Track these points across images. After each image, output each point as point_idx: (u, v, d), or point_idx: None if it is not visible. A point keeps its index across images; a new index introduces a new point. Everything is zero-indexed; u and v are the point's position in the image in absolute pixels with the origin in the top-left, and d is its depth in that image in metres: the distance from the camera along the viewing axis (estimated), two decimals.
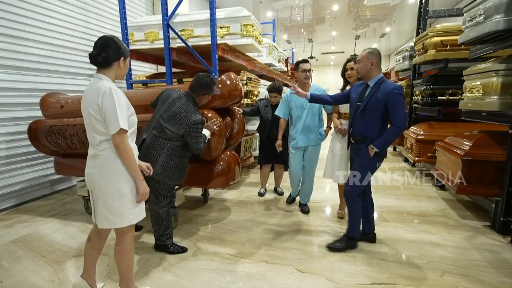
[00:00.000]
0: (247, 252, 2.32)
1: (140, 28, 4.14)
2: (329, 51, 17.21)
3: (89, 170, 1.56)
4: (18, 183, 3.47)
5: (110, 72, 1.56)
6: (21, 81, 3.42)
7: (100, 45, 1.52)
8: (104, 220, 1.57)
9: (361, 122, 2.19)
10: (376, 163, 2.22)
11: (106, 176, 1.52)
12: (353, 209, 2.32)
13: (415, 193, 3.71)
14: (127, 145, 1.51)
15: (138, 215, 1.63)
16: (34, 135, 3.13)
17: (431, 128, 4.29)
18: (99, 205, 1.55)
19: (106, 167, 1.52)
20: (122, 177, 1.53)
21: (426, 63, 4.49)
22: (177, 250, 2.29)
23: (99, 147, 1.53)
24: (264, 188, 3.74)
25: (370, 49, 2.17)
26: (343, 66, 2.72)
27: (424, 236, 2.56)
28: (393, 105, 2.05)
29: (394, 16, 11.01)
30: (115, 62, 1.54)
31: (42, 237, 2.61)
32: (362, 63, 2.16)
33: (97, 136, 1.52)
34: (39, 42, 3.58)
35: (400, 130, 2.08)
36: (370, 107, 2.13)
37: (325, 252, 2.31)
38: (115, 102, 1.45)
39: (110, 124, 1.45)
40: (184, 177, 2.37)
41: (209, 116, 2.45)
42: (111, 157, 1.52)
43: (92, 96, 1.47)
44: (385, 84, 2.10)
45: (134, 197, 1.59)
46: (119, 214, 1.55)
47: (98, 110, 1.46)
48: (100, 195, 1.54)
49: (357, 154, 2.27)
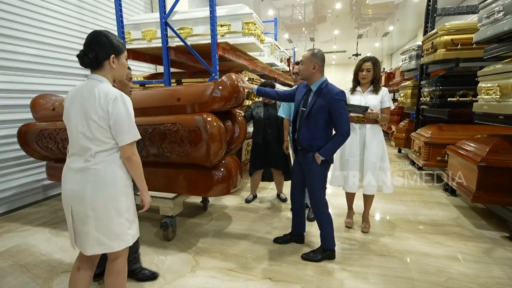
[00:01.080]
0: (250, 267, 2.15)
1: (137, 26, 3.97)
2: (330, 50, 17.02)
3: (75, 187, 1.34)
4: (9, 189, 3.30)
5: (105, 73, 1.38)
6: (11, 81, 3.24)
7: (87, 43, 1.34)
8: (95, 245, 1.35)
9: (305, 129, 2.12)
10: (325, 169, 2.18)
11: (103, 193, 1.33)
12: (322, 221, 2.23)
13: (424, 199, 3.54)
14: (138, 155, 1.41)
15: (135, 235, 1.47)
16: (24, 139, 2.96)
17: (440, 130, 4.11)
18: (90, 227, 1.33)
19: (102, 183, 1.33)
20: (121, 193, 1.38)
21: (435, 63, 4.31)
22: (145, 277, 1.98)
23: (91, 159, 1.32)
24: (252, 194, 3.55)
25: (315, 50, 2.10)
26: (358, 66, 2.53)
27: (439, 249, 2.39)
28: (336, 112, 2.01)
29: (397, 15, 10.82)
30: (105, 62, 1.36)
31: (29, 249, 2.44)
32: (305, 65, 2.09)
33: (93, 146, 1.32)
34: (30, 40, 3.41)
35: (345, 137, 2.05)
36: (313, 114, 2.07)
37: (333, 267, 2.14)
38: (129, 110, 1.33)
39: (122, 134, 1.32)
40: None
41: (209, 120, 2.28)
42: (109, 170, 1.34)
43: (96, 100, 1.29)
44: (327, 89, 2.05)
45: (131, 214, 1.43)
46: (116, 237, 1.37)
47: (105, 117, 1.30)
48: (93, 216, 1.32)
49: (305, 163, 2.18)
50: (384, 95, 2.48)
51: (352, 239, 2.57)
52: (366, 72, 2.48)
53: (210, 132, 2.26)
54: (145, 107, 2.61)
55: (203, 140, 2.27)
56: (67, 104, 1.39)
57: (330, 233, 2.23)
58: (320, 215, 2.21)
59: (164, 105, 2.55)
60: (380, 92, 2.48)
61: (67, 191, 1.37)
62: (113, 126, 1.31)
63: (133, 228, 1.45)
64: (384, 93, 2.48)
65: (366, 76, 2.48)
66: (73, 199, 1.35)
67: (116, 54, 1.37)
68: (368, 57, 2.50)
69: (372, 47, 16.30)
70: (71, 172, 1.37)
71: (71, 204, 1.36)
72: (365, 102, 2.49)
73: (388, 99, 2.47)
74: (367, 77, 2.48)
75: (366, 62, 2.48)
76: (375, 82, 2.50)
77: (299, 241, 2.46)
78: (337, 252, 2.32)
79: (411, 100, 5.32)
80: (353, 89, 2.61)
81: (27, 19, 3.38)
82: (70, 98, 1.39)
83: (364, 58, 2.51)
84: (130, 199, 1.43)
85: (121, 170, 1.38)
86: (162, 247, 2.44)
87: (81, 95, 1.34)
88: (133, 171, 1.40)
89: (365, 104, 2.47)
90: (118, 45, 1.38)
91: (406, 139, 5.46)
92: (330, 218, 2.23)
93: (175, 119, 2.39)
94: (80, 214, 1.35)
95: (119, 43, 1.38)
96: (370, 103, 2.46)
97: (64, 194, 1.38)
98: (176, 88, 2.71)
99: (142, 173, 1.44)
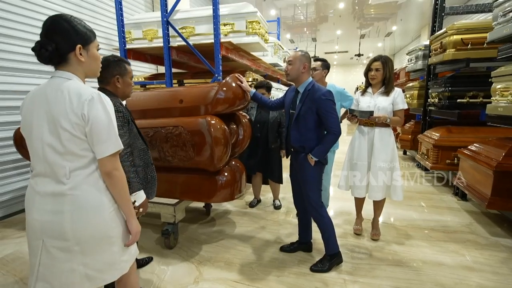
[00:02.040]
0: (257, 278, 2.04)
1: (138, 25, 3.86)
2: (332, 50, 16.91)
3: (48, 218, 1.05)
4: (6, 193, 3.20)
5: (73, 68, 1.10)
6: (8, 82, 3.14)
7: (44, 32, 1.07)
8: (84, 282, 1.10)
9: (296, 132, 2.06)
10: (320, 170, 2.11)
11: (88, 224, 1.07)
12: (322, 224, 2.14)
13: (434, 204, 3.42)
14: (122, 171, 1.13)
15: (133, 256, 1.27)
16: (20, 141, 2.85)
17: (449, 132, 4.00)
18: (74, 264, 1.08)
19: (85, 212, 1.06)
20: (111, 219, 1.13)
21: (444, 63, 4.19)
22: None
23: (66, 181, 1.05)
24: (256, 199, 3.42)
25: (303, 51, 2.05)
26: (367, 66, 2.43)
27: (454, 258, 2.27)
28: (324, 113, 1.96)
29: (400, 15, 10.70)
30: (70, 54, 1.08)
31: (25, 257, 2.33)
32: (295, 65, 2.02)
33: (66, 163, 1.05)
34: (25, 40, 3.30)
35: (336, 136, 1.99)
36: (302, 116, 2.02)
37: (344, 278, 2.03)
38: (109, 113, 1.08)
39: (103, 142, 1.06)
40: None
41: (213, 123, 2.17)
42: (92, 195, 1.08)
43: (66, 104, 1.03)
44: (313, 90, 1.99)
45: (124, 240, 1.20)
46: (109, 267, 1.15)
47: (79, 124, 1.03)
48: (79, 250, 1.07)
49: (299, 166, 2.11)
50: (397, 97, 2.36)
51: (362, 247, 2.45)
52: (375, 72, 2.37)
53: (214, 135, 2.15)
54: (145, 109, 2.51)
55: (207, 144, 2.16)
56: (25, 111, 1.10)
57: (332, 236, 2.14)
58: (319, 218, 2.12)
59: (166, 107, 2.45)
60: (392, 93, 2.37)
61: (35, 222, 1.08)
62: (89, 133, 1.05)
63: (129, 251, 1.24)
64: (397, 94, 2.37)
65: (375, 76, 2.38)
66: (46, 232, 1.07)
67: (84, 43, 1.09)
68: (379, 56, 2.39)
69: (374, 47, 16.18)
70: (39, 197, 1.08)
71: (42, 238, 1.07)
72: (374, 104, 2.39)
73: (401, 101, 2.36)
74: (376, 77, 2.38)
75: (375, 61, 2.38)
76: (386, 83, 2.39)
77: (306, 249, 2.35)
78: (347, 261, 2.22)
79: (418, 101, 5.20)
80: (364, 90, 2.52)
81: (24, 17, 3.28)
82: (28, 104, 1.10)
83: (375, 57, 2.40)
84: (122, 222, 1.19)
85: (106, 192, 1.13)
86: (164, 256, 2.33)
87: (45, 98, 1.06)
88: (115, 191, 1.13)
89: (374, 107, 2.38)
90: (85, 32, 1.10)
91: (412, 141, 5.34)
92: (330, 220, 2.15)
93: (177, 121, 2.28)
94: (59, 251, 1.07)
95: (85, 29, 1.10)
96: (379, 105, 2.36)
97: (32, 225, 1.09)
98: (178, 89, 2.60)
99: (127, 193, 1.16)
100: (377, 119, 2.29)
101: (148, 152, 1.74)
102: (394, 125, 2.42)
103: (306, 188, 2.10)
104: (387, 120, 2.31)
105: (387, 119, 2.31)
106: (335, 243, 2.17)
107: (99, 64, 1.20)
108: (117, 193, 1.14)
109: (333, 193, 3.11)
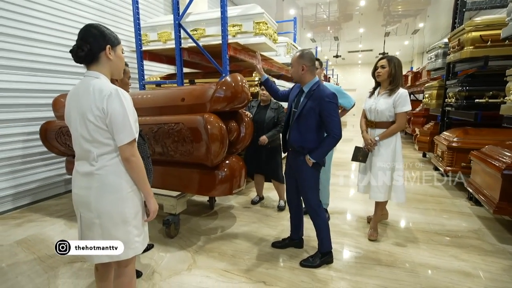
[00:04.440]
0: (246, 269, 2.13)
1: (154, 28, 4.11)
2: (356, 49, 16.48)
3: (81, 192, 1.28)
4: (33, 181, 3.56)
5: (102, 67, 1.28)
6: (36, 82, 3.49)
7: (80, 37, 1.25)
8: (102, 254, 1.29)
9: (296, 132, 2.08)
10: (317, 171, 2.11)
11: (108, 200, 1.25)
12: (318, 223, 2.16)
13: (445, 208, 3.29)
14: (139, 157, 1.28)
15: (144, 242, 1.40)
16: (45, 136, 3.17)
17: (466, 134, 3.81)
18: (95, 235, 1.28)
19: (107, 189, 1.25)
20: (128, 199, 1.29)
21: (462, 61, 3.99)
22: None
23: (95, 163, 1.25)
24: (259, 196, 3.48)
25: (304, 51, 2.04)
26: (374, 65, 2.46)
27: (452, 263, 2.21)
28: (326, 115, 1.94)
29: (428, 11, 10.20)
30: (101, 53, 1.26)
31: (45, 240, 2.60)
32: (294, 67, 2.05)
33: (94, 149, 1.24)
34: (52, 43, 3.64)
35: (336, 140, 1.98)
36: (304, 116, 2.02)
37: (332, 275, 2.06)
38: (125, 106, 1.22)
39: (119, 132, 1.21)
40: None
41: (210, 120, 2.28)
42: (113, 175, 1.26)
43: (90, 98, 1.20)
44: (318, 91, 1.99)
45: (138, 221, 1.35)
46: (124, 245, 1.29)
47: (101, 116, 1.20)
48: (99, 224, 1.26)
49: (296, 165, 2.13)
50: (397, 99, 2.31)
51: (357, 246, 2.45)
52: (380, 69, 2.39)
53: (211, 132, 2.26)
54: (151, 107, 2.68)
55: (203, 140, 2.28)
56: (67, 106, 1.32)
57: (327, 236, 2.17)
58: (316, 217, 2.15)
59: (169, 105, 2.60)
60: (394, 94, 2.34)
61: (75, 196, 1.32)
62: (109, 125, 1.21)
63: (143, 235, 1.38)
64: (398, 96, 2.31)
65: (380, 72, 2.39)
66: (80, 204, 1.30)
67: (112, 45, 1.29)
68: (385, 55, 2.41)
69: (401, 45, 15.55)
70: (79, 176, 1.30)
71: (79, 209, 1.31)
72: (375, 107, 2.41)
73: (403, 103, 2.30)
74: (381, 74, 2.38)
75: (381, 59, 2.40)
76: (391, 81, 2.37)
77: (298, 246, 2.39)
78: (338, 259, 2.24)
79: (437, 101, 4.98)
80: (371, 92, 2.53)
81: (50, 22, 3.62)
82: (68, 100, 1.31)
83: (381, 56, 2.44)
84: (138, 204, 1.34)
85: (126, 175, 1.29)
86: (164, 244, 2.49)
87: (77, 94, 1.26)
88: (133, 174, 1.28)
89: (374, 109, 2.42)
90: (112, 36, 1.30)
91: (431, 142, 5.13)
92: (326, 220, 2.18)
93: (178, 118, 2.42)
94: (87, 221, 1.29)
95: (111, 36, 1.29)
96: (378, 108, 2.39)
97: (73, 198, 1.33)
98: (181, 88, 2.75)
99: (144, 176, 1.31)
100: (370, 147, 2.42)
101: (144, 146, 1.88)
102: (388, 136, 2.38)
103: (304, 188, 2.14)
104: (375, 143, 2.40)
105: (376, 142, 2.39)
106: (329, 242, 2.19)
107: (123, 64, 1.39)
108: (135, 176, 1.29)
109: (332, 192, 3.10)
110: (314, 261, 2.16)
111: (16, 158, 3.38)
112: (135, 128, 1.26)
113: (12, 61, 3.25)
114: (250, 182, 4.23)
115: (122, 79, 1.78)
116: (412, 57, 18.59)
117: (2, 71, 3.17)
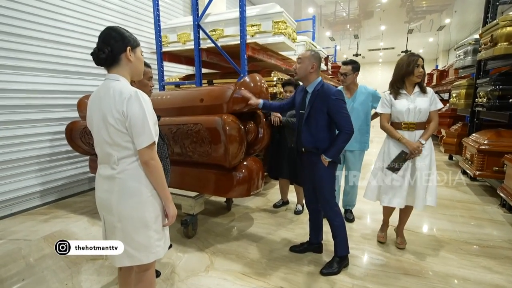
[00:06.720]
0: (264, 273, 2.09)
1: (173, 30, 4.16)
2: (377, 47, 15.99)
3: (104, 195, 1.29)
4: (60, 179, 3.71)
5: (122, 69, 1.28)
6: (63, 83, 3.64)
7: (101, 40, 1.25)
8: (124, 257, 1.28)
9: (307, 133, 2.04)
10: (333, 170, 2.08)
11: (129, 204, 1.25)
12: (335, 226, 2.11)
13: (474, 215, 3.09)
14: (158, 161, 1.27)
15: (165, 246, 1.38)
16: (70, 135, 3.29)
17: (498, 136, 3.57)
18: (117, 239, 1.28)
19: (127, 192, 1.24)
20: (148, 203, 1.27)
21: (495, 59, 3.74)
22: None
23: (116, 167, 1.24)
24: (283, 200, 3.37)
25: (313, 51, 2.02)
26: (411, 63, 2.19)
27: (484, 275, 2.06)
28: (335, 112, 1.93)
29: (455, 6, 9.71)
30: (122, 55, 1.26)
31: (69, 236, 2.70)
32: (303, 63, 1.99)
33: (115, 153, 1.24)
34: (78, 46, 3.78)
35: (349, 135, 1.95)
36: (312, 116, 2.00)
37: (353, 283, 1.98)
38: (145, 109, 1.20)
39: (139, 136, 1.20)
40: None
41: (228, 121, 2.26)
42: (133, 179, 1.25)
43: (111, 101, 1.19)
44: (323, 90, 1.96)
45: (159, 225, 1.33)
46: (145, 249, 1.28)
47: (121, 119, 1.19)
48: (120, 227, 1.26)
49: (311, 166, 2.09)
50: (432, 96, 2.21)
51: (382, 254, 2.34)
52: (422, 69, 2.18)
53: (229, 133, 2.25)
54: (170, 108, 2.70)
55: (221, 141, 2.27)
56: (88, 109, 1.31)
57: (344, 239, 2.12)
58: (332, 219, 2.08)
59: (188, 105, 2.61)
60: (428, 93, 2.21)
61: (98, 199, 1.33)
62: (128, 128, 1.20)
63: (163, 239, 1.36)
64: (431, 93, 2.22)
65: (421, 72, 2.18)
66: (103, 207, 1.31)
67: (132, 46, 1.28)
68: (418, 54, 2.24)
69: (425, 42, 14.91)
70: (101, 179, 1.31)
71: (102, 212, 1.33)
72: (414, 106, 2.19)
73: (437, 100, 2.21)
74: (422, 74, 2.19)
75: (420, 58, 2.19)
76: (421, 82, 2.24)
77: (317, 250, 2.33)
78: (359, 266, 2.16)
79: (465, 101, 4.71)
80: (396, 92, 2.26)
81: (76, 26, 3.77)
82: (90, 103, 1.31)
83: (415, 54, 2.21)
84: (158, 208, 1.32)
85: (145, 179, 1.27)
86: (182, 244, 2.51)
87: (98, 97, 1.26)
88: (152, 178, 1.26)
89: (415, 109, 2.19)
90: (131, 38, 1.30)
91: (458, 145, 4.86)
92: (343, 221, 2.13)
93: (197, 119, 2.43)
94: (109, 224, 1.30)
95: (130, 37, 1.29)
96: (420, 107, 2.17)
97: (97, 201, 1.34)
98: (200, 89, 2.76)
99: (163, 181, 1.29)
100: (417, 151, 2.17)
101: (164, 146, 1.89)
102: (431, 133, 2.23)
103: (320, 188, 2.09)
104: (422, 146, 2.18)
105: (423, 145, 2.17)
106: (346, 244, 2.13)
107: (142, 65, 1.39)
108: (154, 180, 1.27)
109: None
110: (333, 268, 2.08)
111: (44, 157, 3.53)
112: (154, 131, 1.25)
113: (41, 63, 3.40)
114: (268, 183, 4.20)
115: (141, 80, 1.79)
116: (437, 54, 17.80)
117: (32, 73, 3.33)
